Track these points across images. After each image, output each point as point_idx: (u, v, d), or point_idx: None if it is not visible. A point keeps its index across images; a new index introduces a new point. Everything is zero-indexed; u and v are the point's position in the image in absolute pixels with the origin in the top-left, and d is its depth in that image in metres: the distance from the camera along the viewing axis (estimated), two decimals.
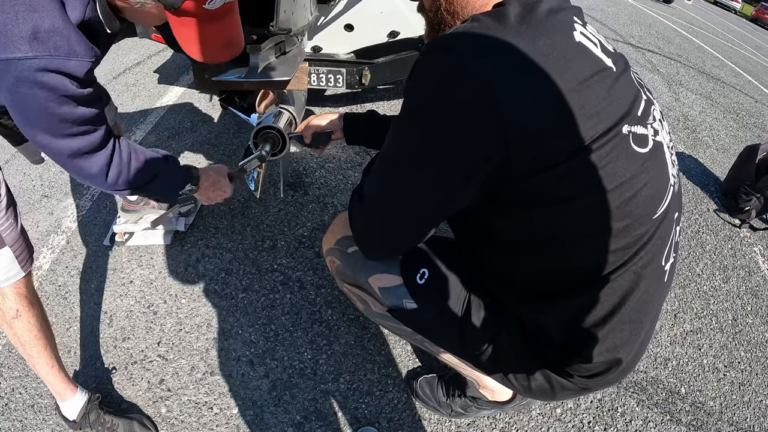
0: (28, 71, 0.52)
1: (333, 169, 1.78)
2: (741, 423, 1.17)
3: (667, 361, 1.29)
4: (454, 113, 0.51)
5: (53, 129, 0.59)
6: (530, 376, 0.66)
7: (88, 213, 1.49)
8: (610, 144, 0.51)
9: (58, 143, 0.60)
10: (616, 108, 0.52)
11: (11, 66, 0.51)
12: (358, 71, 1.60)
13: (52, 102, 0.56)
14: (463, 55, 0.49)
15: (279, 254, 1.38)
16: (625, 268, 0.55)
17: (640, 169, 0.53)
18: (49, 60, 0.52)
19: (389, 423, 1.01)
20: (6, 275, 0.78)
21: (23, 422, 0.95)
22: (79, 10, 0.57)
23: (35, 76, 0.52)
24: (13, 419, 0.96)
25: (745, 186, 1.95)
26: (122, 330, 1.16)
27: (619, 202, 0.52)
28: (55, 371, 0.89)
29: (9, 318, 0.82)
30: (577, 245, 0.55)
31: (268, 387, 1.05)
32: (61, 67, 0.54)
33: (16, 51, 0.50)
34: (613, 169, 0.51)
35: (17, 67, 0.51)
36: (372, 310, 0.82)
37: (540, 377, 0.65)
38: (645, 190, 0.54)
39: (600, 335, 0.57)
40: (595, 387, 0.63)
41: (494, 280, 0.69)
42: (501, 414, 1.06)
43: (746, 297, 1.59)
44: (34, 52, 0.51)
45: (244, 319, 1.20)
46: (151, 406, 1.01)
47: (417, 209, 0.60)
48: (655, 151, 0.56)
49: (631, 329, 0.58)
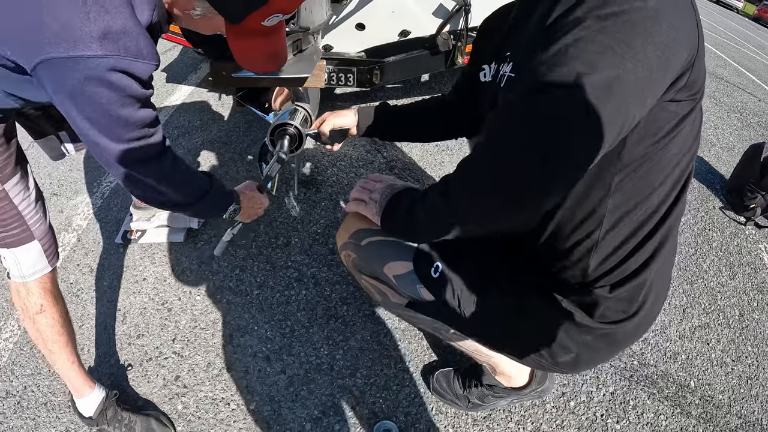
0: (98, 69, 0.52)
1: (345, 168, 1.79)
2: (749, 416, 1.19)
3: (676, 355, 1.30)
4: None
5: (113, 131, 0.59)
6: (554, 345, 0.66)
7: (99, 211, 1.50)
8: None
9: (114, 146, 0.61)
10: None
11: (80, 64, 0.51)
12: (369, 70, 1.61)
13: (117, 102, 0.56)
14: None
15: (293, 251, 1.39)
16: (674, 208, 0.59)
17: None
18: (117, 60, 0.53)
19: (407, 417, 1.03)
20: (33, 269, 0.79)
21: (36, 420, 0.96)
22: (147, 13, 0.58)
23: (104, 74, 0.53)
24: (25, 417, 0.96)
25: (750, 184, 1.97)
26: (136, 327, 1.16)
27: (693, 150, 0.57)
28: (75, 367, 0.89)
29: (32, 313, 0.82)
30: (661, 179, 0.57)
31: (286, 383, 1.06)
32: (128, 68, 0.55)
33: (86, 49, 0.51)
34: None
35: (87, 65, 0.52)
36: (391, 301, 0.84)
37: (567, 347, 0.66)
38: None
39: (642, 275, 0.60)
40: (621, 337, 0.65)
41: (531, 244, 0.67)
42: (516, 407, 1.07)
43: (752, 293, 1.61)
44: (104, 51, 0.52)
45: (260, 315, 1.21)
46: (167, 403, 1.02)
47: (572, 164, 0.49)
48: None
49: (662, 275, 0.63)
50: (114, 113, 0.57)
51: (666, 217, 0.59)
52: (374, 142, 1.95)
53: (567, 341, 0.65)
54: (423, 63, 1.69)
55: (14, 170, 0.74)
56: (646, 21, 0.44)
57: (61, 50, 0.51)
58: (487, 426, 1.03)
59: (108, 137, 0.59)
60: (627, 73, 0.44)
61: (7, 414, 0.96)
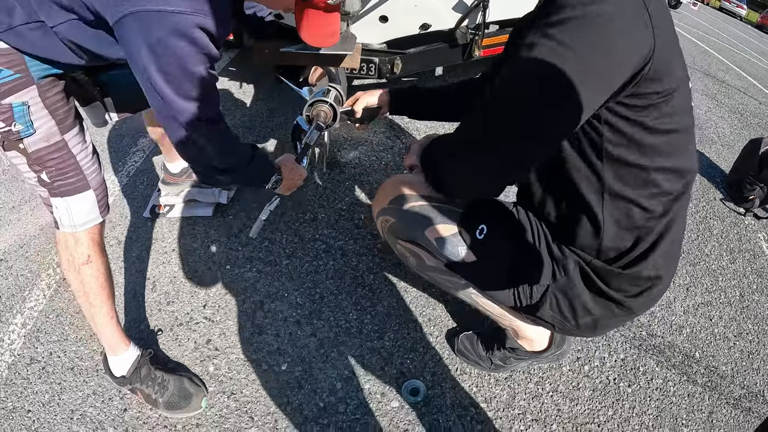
0: (183, 24, 0.58)
1: (366, 152, 1.86)
2: (752, 387, 1.26)
3: (681, 328, 1.38)
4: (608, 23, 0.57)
5: (183, 85, 0.64)
6: (579, 313, 0.74)
7: (125, 188, 1.54)
8: (686, 88, 0.63)
9: (180, 102, 0.65)
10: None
11: (168, 18, 0.57)
12: (390, 60, 1.68)
13: (194, 57, 0.62)
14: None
15: (320, 226, 1.45)
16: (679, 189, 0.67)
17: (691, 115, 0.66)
18: (202, 18, 0.59)
19: (433, 377, 1.08)
20: (86, 218, 0.81)
21: (62, 384, 0.97)
22: None
23: (188, 29, 0.58)
24: (51, 382, 0.97)
25: (749, 177, 2.06)
26: (166, 294, 1.19)
27: (690, 132, 0.66)
28: (114, 323, 0.91)
29: (79, 263, 0.83)
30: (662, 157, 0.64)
31: (316, 345, 1.11)
32: (210, 28, 0.60)
33: (175, 5, 0.57)
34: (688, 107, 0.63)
35: (174, 19, 0.57)
36: (426, 263, 0.89)
37: (589, 311, 0.73)
38: (691, 131, 0.67)
39: (651, 256, 0.67)
40: (636, 306, 0.72)
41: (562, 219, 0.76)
42: (535, 369, 1.14)
43: (752, 277, 1.69)
44: (192, 9, 0.58)
45: (290, 283, 1.26)
46: (198, 365, 1.04)
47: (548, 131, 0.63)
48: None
49: (672, 250, 0.70)
50: (189, 68, 0.62)
51: (673, 199, 0.67)
52: (393, 129, 2.02)
53: (591, 305, 0.73)
54: (441, 55, 1.77)
55: (74, 123, 0.78)
56: (590, 26, 0.56)
57: (152, 4, 0.56)
58: (509, 386, 1.10)
59: (176, 92, 0.64)
60: (571, 69, 0.56)
61: (32, 379, 0.97)
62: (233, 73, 2.31)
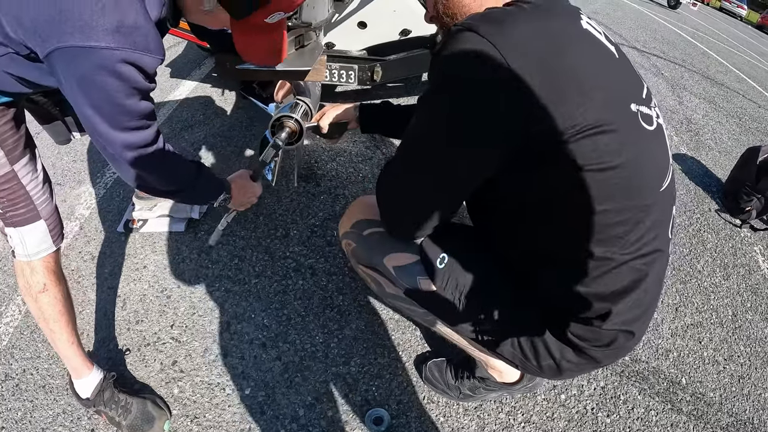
0: (109, 60, 0.56)
1: (344, 162, 1.81)
2: (740, 414, 1.20)
3: (668, 352, 1.32)
4: (480, 88, 0.55)
5: (115, 118, 0.63)
6: (541, 354, 0.69)
7: (101, 201, 1.52)
8: (621, 120, 0.55)
9: (114, 133, 0.64)
10: (623, 87, 0.58)
11: (93, 54, 0.55)
12: (370, 68, 1.64)
13: (122, 92, 0.60)
14: (483, 32, 0.54)
15: (291, 242, 1.41)
16: (642, 241, 0.59)
17: (647, 144, 0.58)
18: (128, 53, 0.56)
19: (399, 405, 1.04)
20: (38, 248, 0.81)
21: (34, 402, 0.97)
22: (157, 9, 0.62)
23: (114, 65, 0.56)
24: (23, 399, 0.98)
25: (746, 187, 1.98)
26: (135, 313, 1.18)
27: (631, 172, 0.56)
28: (74, 348, 0.91)
29: (35, 292, 0.84)
30: (592, 212, 0.57)
31: (281, 369, 1.08)
32: (137, 61, 0.58)
33: (100, 41, 0.54)
34: (624, 141, 0.55)
35: (99, 55, 0.55)
36: (386, 291, 0.86)
37: (552, 354, 0.68)
38: (652, 163, 0.59)
39: (618, 308, 0.61)
40: (605, 360, 0.66)
41: (520, 258, 0.71)
42: (507, 398, 1.09)
43: (746, 294, 1.62)
44: (116, 44, 0.55)
45: (257, 303, 1.23)
46: (163, 387, 1.03)
47: (445, 181, 0.64)
48: (658, 131, 0.61)
49: (647, 302, 0.63)
50: (118, 102, 0.61)
51: (639, 257, 0.60)
52: (374, 139, 1.97)
53: (554, 348, 0.68)
54: (423, 62, 1.72)
55: (23, 152, 0.77)
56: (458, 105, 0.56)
57: (77, 40, 0.54)
58: (478, 416, 1.05)
59: (109, 124, 0.63)
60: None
61: (6, 396, 0.98)
62: (215, 80, 2.28)
